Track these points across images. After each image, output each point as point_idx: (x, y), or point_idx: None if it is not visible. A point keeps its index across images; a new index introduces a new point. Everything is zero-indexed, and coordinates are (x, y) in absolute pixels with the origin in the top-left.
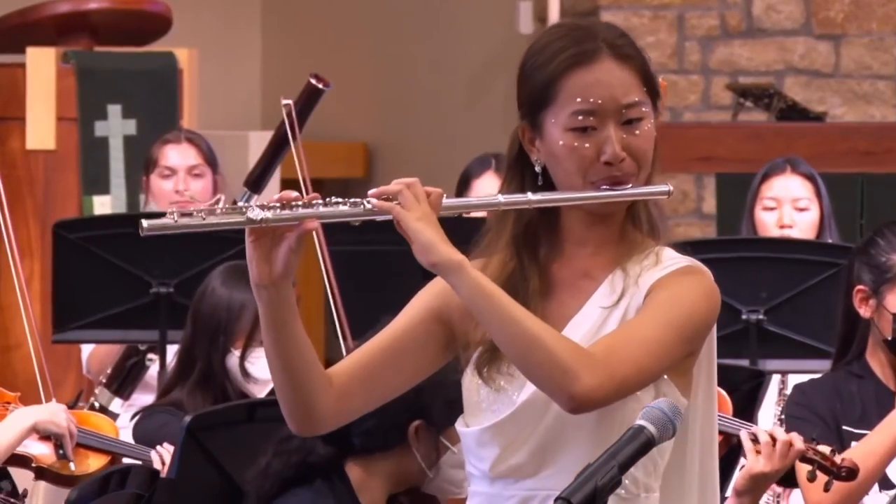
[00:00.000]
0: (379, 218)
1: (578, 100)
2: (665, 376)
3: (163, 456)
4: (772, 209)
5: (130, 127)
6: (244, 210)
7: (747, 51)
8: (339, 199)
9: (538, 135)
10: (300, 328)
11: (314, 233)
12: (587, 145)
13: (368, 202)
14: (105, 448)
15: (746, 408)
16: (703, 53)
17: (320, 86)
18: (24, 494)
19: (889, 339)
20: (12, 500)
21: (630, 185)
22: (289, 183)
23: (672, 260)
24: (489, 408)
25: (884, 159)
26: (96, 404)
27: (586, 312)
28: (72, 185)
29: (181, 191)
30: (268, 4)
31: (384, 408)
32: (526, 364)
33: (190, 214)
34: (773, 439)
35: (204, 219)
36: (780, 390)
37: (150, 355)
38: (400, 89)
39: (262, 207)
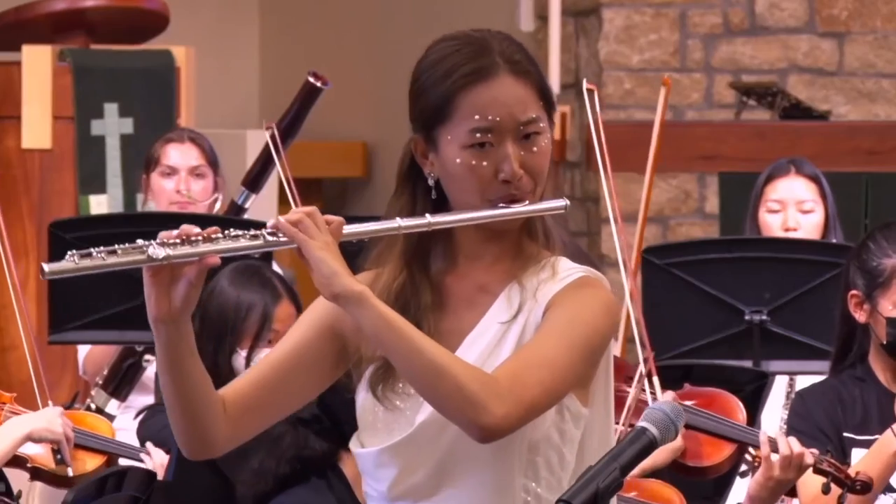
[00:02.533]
0: (280, 248)
1: (476, 117)
2: None
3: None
4: (776, 211)
5: (127, 126)
6: (145, 249)
7: (750, 49)
8: (239, 232)
9: (432, 149)
10: (198, 363)
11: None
12: (485, 164)
13: (269, 233)
14: (101, 448)
15: (750, 409)
16: (705, 51)
17: (319, 84)
18: (19, 496)
19: (884, 343)
20: (7, 500)
21: (527, 202)
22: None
23: (568, 271)
24: (385, 428)
25: (888, 158)
26: (92, 406)
27: (483, 328)
28: (68, 184)
29: (182, 190)
30: (266, 2)
31: None
32: (433, 396)
33: (90, 255)
34: (791, 451)
35: (104, 259)
36: (788, 393)
37: (147, 356)
38: (399, 88)
39: (162, 245)
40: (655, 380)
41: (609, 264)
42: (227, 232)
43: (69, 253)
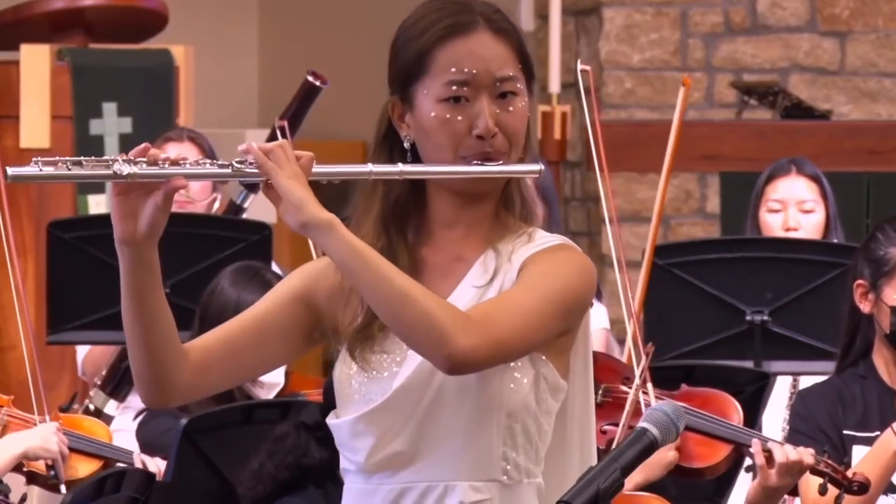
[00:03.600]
0: (248, 180)
1: (453, 70)
2: (543, 357)
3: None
4: (777, 211)
5: (126, 125)
6: (110, 164)
7: (751, 48)
8: (209, 160)
9: (409, 109)
10: (161, 295)
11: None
12: (459, 118)
13: (238, 162)
14: (97, 454)
15: (751, 410)
16: (706, 50)
17: (317, 83)
18: (24, 499)
19: (888, 332)
20: (8, 501)
21: (501, 163)
22: None
23: (545, 238)
24: (363, 398)
25: (890, 158)
26: (91, 406)
27: (460, 293)
28: (66, 184)
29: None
30: (265, 2)
31: None
32: (400, 323)
33: (55, 164)
34: (787, 458)
35: (69, 169)
36: (792, 394)
37: None
38: None
39: (129, 162)
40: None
41: (609, 264)
42: (197, 160)
43: (35, 159)
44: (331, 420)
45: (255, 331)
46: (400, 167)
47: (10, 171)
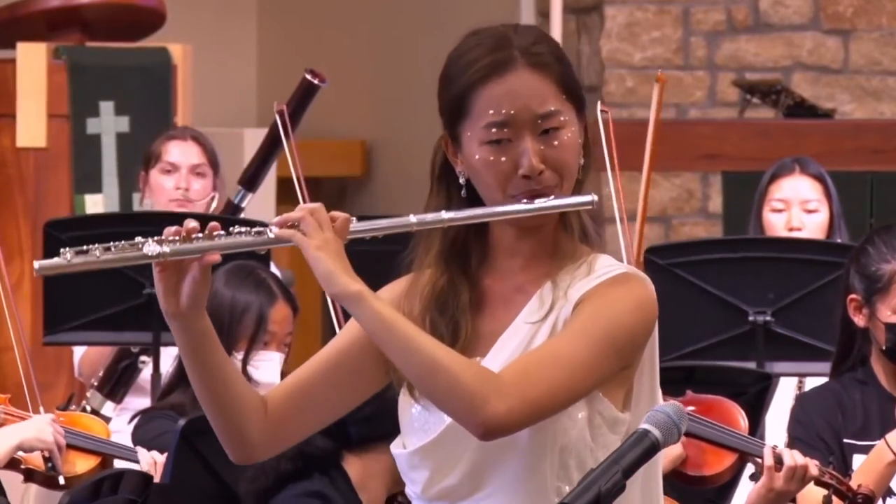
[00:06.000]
0: (282, 245)
1: (491, 112)
2: (599, 394)
3: (155, 461)
4: (780, 211)
5: (123, 124)
6: (140, 246)
7: (754, 46)
8: (242, 229)
9: (458, 148)
10: (221, 356)
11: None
12: (503, 159)
13: (271, 230)
14: (95, 449)
15: (754, 411)
16: (708, 49)
17: (316, 82)
18: None
19: (884, 348)
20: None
21: (552, 197)
22: (284, 181)
23: (606, 268)
24: (420, 428)
25: (893, 157)
26: (88, 407)
27: (515, 329)
28: (63, 183)
29: (182, 188)
30: (263, 0)
31: (382, 394)
32: (432, 392)
33: (85, 252)
34: (795, 463)
35: (99, 256)
36: (797, 396)
37: (143, 357)
38: (399, 85)
39: (160, 242)
40: None
41: None
42: (230, 229)
43: (62, 250)
44: (394, 449)
45: (328, 373)
46: (442, 215)
47: (38, 264)
